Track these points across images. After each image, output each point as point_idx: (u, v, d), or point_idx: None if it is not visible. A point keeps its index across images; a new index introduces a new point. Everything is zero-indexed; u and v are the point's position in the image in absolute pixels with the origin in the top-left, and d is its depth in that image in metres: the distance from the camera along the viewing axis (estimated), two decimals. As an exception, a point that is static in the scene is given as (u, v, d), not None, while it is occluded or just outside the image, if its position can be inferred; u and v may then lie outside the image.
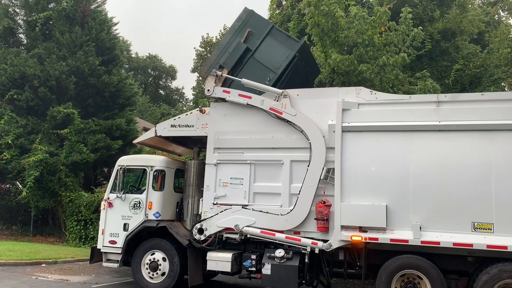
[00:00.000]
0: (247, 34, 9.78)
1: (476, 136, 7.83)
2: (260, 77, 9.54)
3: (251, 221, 8.94)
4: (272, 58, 9.68)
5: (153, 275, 9.56)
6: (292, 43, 9.88)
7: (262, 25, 10.00)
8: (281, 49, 9.70)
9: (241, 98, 9.38)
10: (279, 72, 9.57)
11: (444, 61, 15.92)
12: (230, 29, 10.26)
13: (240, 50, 9.74)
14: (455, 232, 7.61)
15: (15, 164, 17.69)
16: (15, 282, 9.98)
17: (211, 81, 9.70)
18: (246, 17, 10.04)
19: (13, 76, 18.57)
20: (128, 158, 10.70)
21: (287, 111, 9.03)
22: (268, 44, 9.76)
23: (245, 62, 9.75)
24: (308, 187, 8.59)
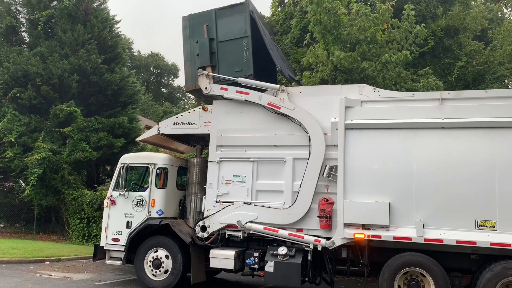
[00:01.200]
0: (206, 29, 9.91)
1: (480, 134, 7.80)
2: (238, 53, 9.65)
3: (253, 216, 8.94)
4: (234, 29, 9.80)
5: (156, 273, 9.58)
6: (239, 7, 9.96)
7: (207, 16, 10.13)
8: (236, 18, 9.85)
9: (238, 94, 9.40)
10: (249, 33, 9.65)
11: (447, 58, 15.86)
12: (184, 40, 10.40)
13: (205, 44, 9.85)
14: (458, 229, 7.60)
15: (18, 162, 17.75)
16: (18, 280, 10.01)
17: (204, 80, 9.72)
18: (189, 21, 10.31)
19: (16, 74, 18.60)
20: (131, 156, 10.71)
21: (285, 106, 9.05)
22: (223, 23, 9.92)
23: (217, 50, 9.84)
24: (309, 180, 8.60)
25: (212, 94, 9.70)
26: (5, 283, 9.61)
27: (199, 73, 9.75)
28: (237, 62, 9.69)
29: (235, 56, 9.70)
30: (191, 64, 10.13)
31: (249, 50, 9.58)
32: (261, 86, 9.39)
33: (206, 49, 9.85)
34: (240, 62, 9.67)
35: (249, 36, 9.65)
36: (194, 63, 10.02)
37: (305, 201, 8.59)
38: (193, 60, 10.08)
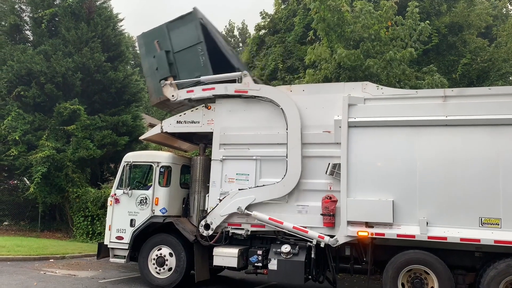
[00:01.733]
0: (157, 45, 10.34)
1: (484, 131, 7.77)
2: (195, 59, 9.98)
3: (251, 198, 8.98)
4: (188, 38, 10.16)
5: (160, 270, 9.61)
6: (188, 17, 10.37)
7: (159, 31, 10.56)
8: (187, 27, 10.26)
9: (205, 92, 9.63)
10: (202, 39, 9.99)
11: (451, 56, 15.78)
12: (142, 58, 10.78)
13: (162, 57, 10.23)
14: (462, 227, 7.58)
15: (22, 160, 17.83)
16: (23, 277, 10.08)
17: (169, 89, 9.93)
18: (144, 39, 10.76)
19: (20, 72, 18.68)
20: (135, 154, 10.74)
21: (251, 88, 9.33)
22: (176, 35, 10.30)
23: (175, 61, 10.20)
24: (293, 148, 8.75)
25: (180, 100, 9.92)
26: (10, 280, 9.68)
27: (163, 84, 10.04)
28: (196, 68, 9.98)
29: (193, 63, 10.02)
30: (152, 79, 10.44)
31: (205, 54, 9.93)
32: (224, 78, 9.61)
33: (164, 61, 10.20)
34: (198, 67, 9.96)
35: (202, 42, 10.01)
36: (155, 77, 10.32)
37: (295, 168, 8.69)
38: (153, 75, 10.39)
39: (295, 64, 18.09)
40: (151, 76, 10.46)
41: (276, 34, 19.81)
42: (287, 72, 18.15)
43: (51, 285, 9.32)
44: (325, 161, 8.59)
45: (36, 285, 9.28)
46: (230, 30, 43.50)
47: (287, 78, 17.62)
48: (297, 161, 8.74)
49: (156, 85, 10.26)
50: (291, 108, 8.97)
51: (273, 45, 19.37)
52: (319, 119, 8.84)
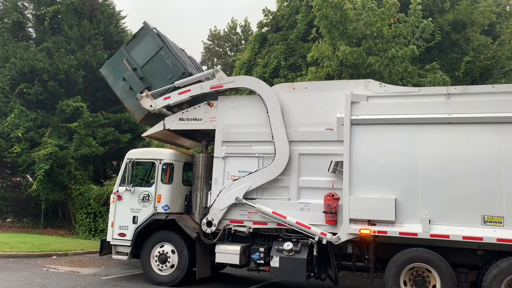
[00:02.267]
0: (127, 63, 10.70)
1: (487, 129, 7.75)
2: (163, 64, 10.40)
3: (247, 186, 9.06)
4: (148, 49, 10.61)
5: (162, 267, 9.63)
6: (142, 32, 10.89)
7: (120, 56, 11.09)
8: (144, 40, 10.75)
9: (182, 95, 9.84)
10: (162, 44, 10.54)
11: (454, 53, 15.71)
12: (112, 86, 11.16)
13: (132, 75, 10.59)
14: (464, 225, 7.57)
15: (25, 157, 17.89)
16: (26, 274, 10.12)
17: (146, 100, 10.09)
18: (108, 68, 11.24)
19: (23, 70, 18.72)
20: (137, 151, 10.75)
21: (225, 81, 9.64)
22: (136, 52, 10.75)
23: (144, 74, 10.53)
24: (277, 129, 8.95)
25: (158, 108, 10.02)
26: (13, 277, 9.72)
27: (139, 97, 10.16)
28: (167, 72, 10.29)
29: (162, 68, 10.34)
30: (129, 99, 10.68)
31: (170, 55, 10.38)
32: (197, 78, 9.89)
33: (134, 78, 10.53)
34: (169, 70, 10.29)
35: (163, 46, 10.51)
36: (132, 97, 10.49)
37: (283, 148, 8.87)
38: (129, 95, 10.62)
39: (297, 61, 18.06)
40: (127, 98, 10.72)
41: (279, 32, 19.77)
42: (290, 69, 18.12)
43: (54, 282, 9.35)
44: (328, 159, 8.59)
45: (39, 282, 9.32)
46: (232, 27, 43.45)
47: (289, 76, 17.58)
48: (284, 140, 8.90)
49: (135, 103, 10.51)
50: (267, 91, 9.28)
51: (276, 43, 19.33)
52: (322, 117, 8.83)
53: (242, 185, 9.13)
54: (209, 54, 44.89)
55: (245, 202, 9.04)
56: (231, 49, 43.81)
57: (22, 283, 9.09)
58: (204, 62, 45.59)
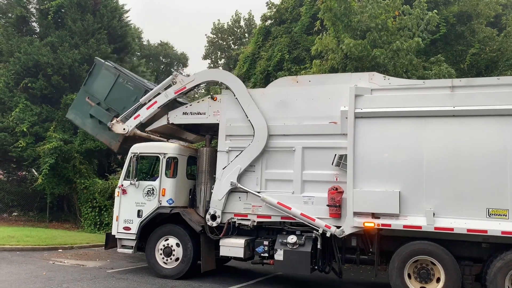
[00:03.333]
0: (90, 100, 11.24)
1: (492, 121, 7.70)
2: (124, 89, 10.90)
3: (238, 168, 9.21)
4: (106, 80, 11.18)
5: (167, 261, 9.69)
6: (97, 67, 11.62)
7: (81, 97, 11.73)
8: (100, 74, 11.37)
9: (151, 109, 10.13)
10: (118, 72, 11.20)
11: (459, 45, 15.58)
12: (83, 127, 11.87)
13: (97, 109, 11.09)
14: (469, 218, 7.55)
15: (30, 151, 17.99)
16: (33, 267, 10.21)
17: (117, 126, 10.35)
18: (74, 113, 11.81)
19: (27, 64, 18.77)
20: (141, 145, 10.76)
21: (187, 81, 10.00)
22: (95, 88, 11.38)
23: (109, 104, 11.00)
24: (249, 106, 9.29)
25: (132, 128, 10.26)
26: (20, 270, 9.81)
27: (110, 125, 10.40)
28: (130, 95, 10.67)
29: (125, 94, 10.73)
30: (102, 133, 11.08)
31: (128, 79, 10.92)
32: (159, 89, 10.22)
33: (101, 111, 10.97)
34: (131, 93, 10.68)
35: (120, 74, 11.09)
36: (104, 129, 10.88)
37: (259, 122, 9.14)
38: (101, 129, 11.05)
39: (301, 54, 17.98)
40: (100, 132, 11.03)
41: (282, 25, 19.68)
42: (294, 63, 18.05)
43: (60, 275, 9.43)
44: (332, 152, 8.58)
45: (45, 275, 9.40)
46: (236, 20, 43.28)
47: (293, 69, 17.52)
48: (257, 115, 9.18)
49: (109, 134, 10.78)
50: (228, 77, 9.90)
51: (279, 36, 19.25)
52: (326, 110, 8.81)
53: (233, 169, 9.25)
54: (212, 48, 44.78)
55: (240, 186, 9.14)
56: (234, 43, 43.67)
57: (29, 276, 9.18)
58: (207, 56, 45.49)
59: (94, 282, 8.88)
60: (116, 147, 10.87)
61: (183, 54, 51.75)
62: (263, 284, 9.63)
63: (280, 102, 9.23)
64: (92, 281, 9.01)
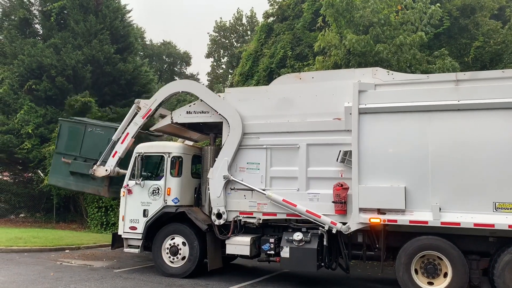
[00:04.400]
0: (65, 160, 11.38)
1: (497, 115, 7.64)
2: (98, 139, 11.16)
3: (225, 161, 9.33)
4: (76, 135, 11.57)
5: (173, 260, 9.71)
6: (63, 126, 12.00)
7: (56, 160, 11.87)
8: (69, 132, 11.80)
9: (125, 141, 10.38)
10: (84, 123, 11.70)
11: (463, 39, 15.48)
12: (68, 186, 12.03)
13: (75, 164, 11.27)
14: (476, 212, 7.51)
15: (36, 153, 18.08)
16: (41, 268, 10.27)
17: (99, 170, 10.52)
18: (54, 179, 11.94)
19: (31, 66, 18.85)
20: (146, 145, 10.78)
21: (150, 103, 10.36)
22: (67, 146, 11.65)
23: (87, 155, 11.19)
24: (214, 100, 9.74)
25: (114, 167, 10.40)
26: (28, 271, 9.87)
27: (91, 173, 10.60)
28: (103, 139, 10.93)
29: (98, 140, 11.03)
30: (87, 185, 11.21)
31: (96, 126, 11.34)
32: (126, 121, 10.53)
33: (80, 165, 11.16)
34: (103, 137, 10.96)
35: (86, 123, 11.56)
36: (87, 180, 11.06)
37: (227, 110, 9.46)
38: (85, 182, 11.16)
39: (304, 51, 17.94)
40: (85, 184, 11.20)
41: (285, 21, 19.63)
42: (296, 59, 18.02)
43: (67, 275, 9.48)
44: (336, 149, 8.56)
45: (53, 275, 9.45)
46: (238, 18, 43.21)
47: (296, 66, 17.49)
48: (225, 106, 9.54)
49: (94, 183, 10.97)
50: (188, 84, 10.55)
51: (282, 33, 19.21)
52: (329, 106, 8.78)
53: (221, 164, 9.38)
54: (215, 46, 44.74)
55: (233, 179, 9.23)
56: (237, 41, 43.63)
57: (37, 277, 9.23)
58: (210, 54, 45.44)
59: (101, 282, 8.92)
60: (105, 192, 11.02)
61: (186, 53, 51.77)
62: (270, 281, 9.64)
63: (284, 99, 9.22)
64: (100, 281, 9.05)
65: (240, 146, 9.39)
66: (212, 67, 45.52)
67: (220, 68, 45.40)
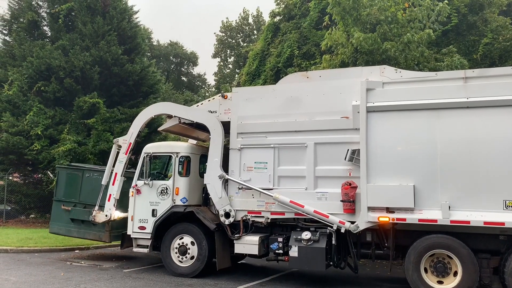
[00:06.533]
0: (65, 207, 11.50)
1: (507, 112, 7.56)
2: (96, 183, 11.07)
3: (216, 162, 9.48)
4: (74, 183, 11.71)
5: (182, 259, 9.74)
6: (60, 174, 12.18)
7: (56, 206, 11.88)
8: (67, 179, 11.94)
9: (116, 182, 10.38)
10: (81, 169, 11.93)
11: (471, 36, 15.36)
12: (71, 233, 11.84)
13: (75, 211, 11.39)
14: (485, 210, 7.45)
15: (45, 154, 18.23)
16: (51, 268, 10.36)
17: (100, 215, 10.51)
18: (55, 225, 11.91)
19: (40, 68, 18.99)
20: (154, 145, 10.84)
21: (128, 137, 10.51)
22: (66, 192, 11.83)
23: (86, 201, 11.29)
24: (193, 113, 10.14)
25: (112, 211, 10.38)
26: (38, 271, 9.96)
27: (92, 219, 10.61)
28: (99, 184, 10.81)
29: (95, 185, 11.01)
30: (89, 230, 11.27)
31: (92, 171, 11.56)
32: (111, 162, 10.61)
33: (80, 211, 11.27)
34: (99, 182, 10.83)
35: (84, 169, 11.78)
36: (88, 227, 11.18)
37: (204, 115, 9.94)
38: (86, 229, 11.26)
39: (311, 50, 17.92)
40: (87, 231, 11.27)
41: (291, 20, 19.61)
42: (303, 58, 17.99)
43: (78, 275, 9.55)
44: (344, 147, 8.53)
45: (63, 275, 9.53)
46: (244, 18, 43.22)
47: (303, 65, 17.47)
48: (198, 111, 10.07)
49: (95, 228, 11.04)
50: (158, 107, 10.93)
51: (289, 32, 19.20)
52: (337, 105, 8.76)
53: (212, 165, 9.53)
54: (222, 46, 44.82)
55: (229, 177, 9.34)
56: (243, 40, 43.64)
57: (47, 277, 9.31)
58: (217, 54, 45.51)
59: (111, 282, 8.97)
60: (106, 238, 11.00)
61: (193, 53, 51.90)
62: (279, 281, 9.63)
63: (291, 98, 9.21)
64: (109, 281, 9.11)
65: (247, 146, 9.40)
66: (219, 67, 45.61)
67: (227, 68, 45.47)
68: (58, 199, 11.83)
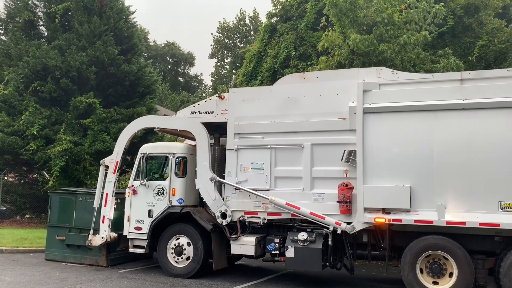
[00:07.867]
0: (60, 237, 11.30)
1: (502, 114, 7.62)
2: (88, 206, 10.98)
3: (205, 165, 9.58)
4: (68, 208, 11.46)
5: (178, 260, 9.74)
6: (53, 198, 11.84)
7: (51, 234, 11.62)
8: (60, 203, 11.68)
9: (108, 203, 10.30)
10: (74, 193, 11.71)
11: (467, 38, 15.44)
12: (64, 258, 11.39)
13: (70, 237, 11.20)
14: (481, 212, 7.49)
15: (41, 154, 18.13)
16: (46, 268, 10.32)
17: (96, 239, 10.32)
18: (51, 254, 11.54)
19: (36, 68, 18.91)
20: (150, 146, 10.83)
21: (114, 156, 10.54)
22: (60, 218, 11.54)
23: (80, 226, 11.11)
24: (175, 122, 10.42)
25: (108, 233, 10.28)
26: (34, 271, 9.92)
27: (88, 243, 10.40)
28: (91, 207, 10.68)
29: (88, 208, 10.84)
30: (85, 255, 11.04)
31: (85, 195, 11.30)
32: (101, 182, 10.61)
33: (75, 236, 11.09)
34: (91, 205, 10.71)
35: (76, 194, 11.54)
36: (85, 251, 10.96)
37: (187, 122, 10.10)
38: (82, 253, 11.04)
39: (307, 51, 17.95)
40: (83, 256, 11.07)
41: (288, 22, 19.65)
42: (300, 59, 18.03)
43: (73, 276, 9.52)
44: (341, 148, 8.56)
45: (58, 276, 9.50)
46: (241, 19, 43.24)
47: (300, 66, 17.51)
48: (179, 120, 10.27)
49: (91, 253, 10.85)
50: (139, 122, 10.97)
51: (285, 33, 19.23)
52: (334, 106, 8.79)
53: (201, 168, 9.63)
54: (219, 47, 44.82)
55: (219, 179, 9.45)
56: (240, 41, 43.65)
57: (43, 277, 9.28)
58: (214, 55, 45.50)
59: (106, 282, 8.95)
60: (103, 262, 10.79)
61: (190, 53, 51.87)
62: (275, 281, 9.64)
63: (288, 99, 9.23)
64: (105, 281, 9.09)
65: (244, 146, 9.41)
66: (216, 68, 45.61)
67: (224, 69, 45.47)
68: (52, 225, 11.60)
